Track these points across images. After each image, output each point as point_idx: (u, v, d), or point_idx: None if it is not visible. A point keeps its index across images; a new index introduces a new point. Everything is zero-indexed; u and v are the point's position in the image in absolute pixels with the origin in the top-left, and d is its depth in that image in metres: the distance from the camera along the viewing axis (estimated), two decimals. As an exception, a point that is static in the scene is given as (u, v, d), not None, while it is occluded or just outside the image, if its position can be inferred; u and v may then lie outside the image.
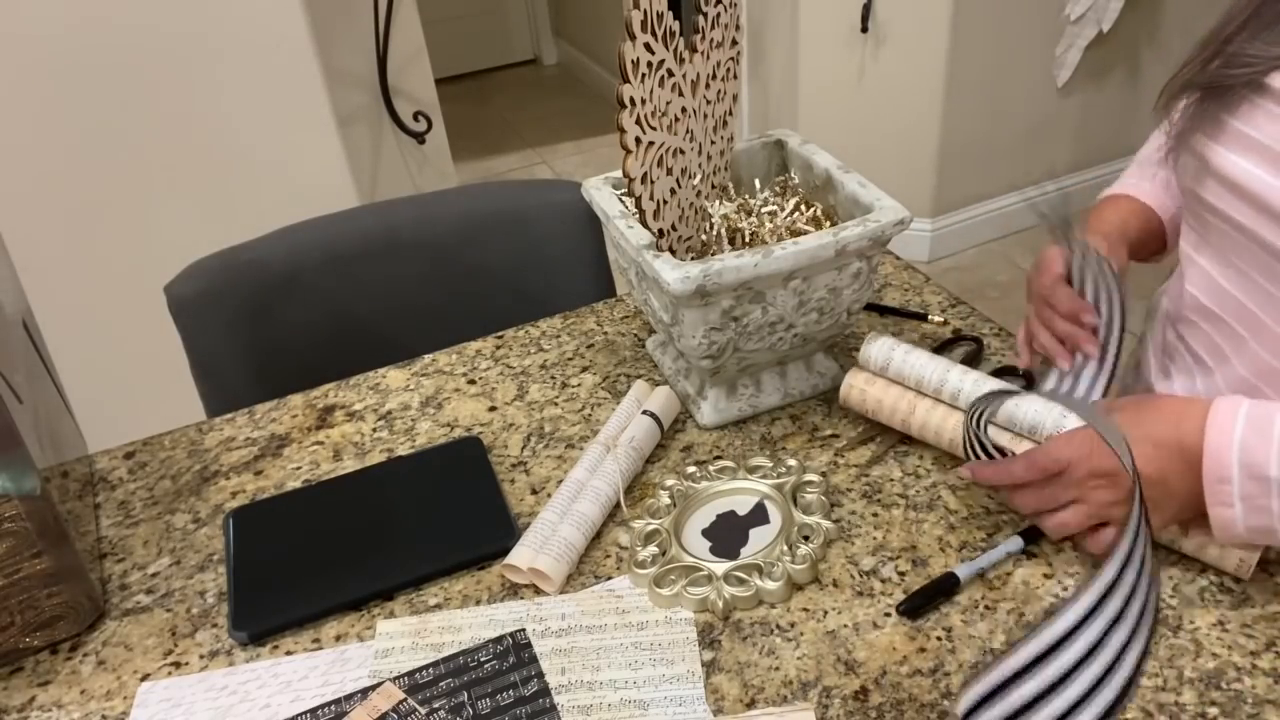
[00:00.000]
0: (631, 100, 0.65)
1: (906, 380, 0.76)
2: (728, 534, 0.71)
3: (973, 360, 0.85)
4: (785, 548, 0.68)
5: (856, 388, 0.78)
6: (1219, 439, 0.59)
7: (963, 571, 0.66)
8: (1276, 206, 0.64)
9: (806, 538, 0.69)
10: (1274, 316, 0.68)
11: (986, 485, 0.71)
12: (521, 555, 0.69)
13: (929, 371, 0.75)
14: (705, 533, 0.72)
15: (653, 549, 0.70)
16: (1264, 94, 0.65)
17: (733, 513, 0.73)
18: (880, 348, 0.77)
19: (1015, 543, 0.68)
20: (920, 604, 0.65)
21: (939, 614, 0.64)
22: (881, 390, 0.77)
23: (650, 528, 0.71)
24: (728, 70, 0.79)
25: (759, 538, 0.70)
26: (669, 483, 0.75)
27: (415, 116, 1.92)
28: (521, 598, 0.69)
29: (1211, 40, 0.69)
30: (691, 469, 0.76)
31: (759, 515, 0.72)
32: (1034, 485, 0.65)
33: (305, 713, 0.62)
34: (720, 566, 0.67)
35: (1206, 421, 0.59)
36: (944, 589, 0.65)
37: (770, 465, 0.76)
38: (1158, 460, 0.61)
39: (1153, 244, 0.84)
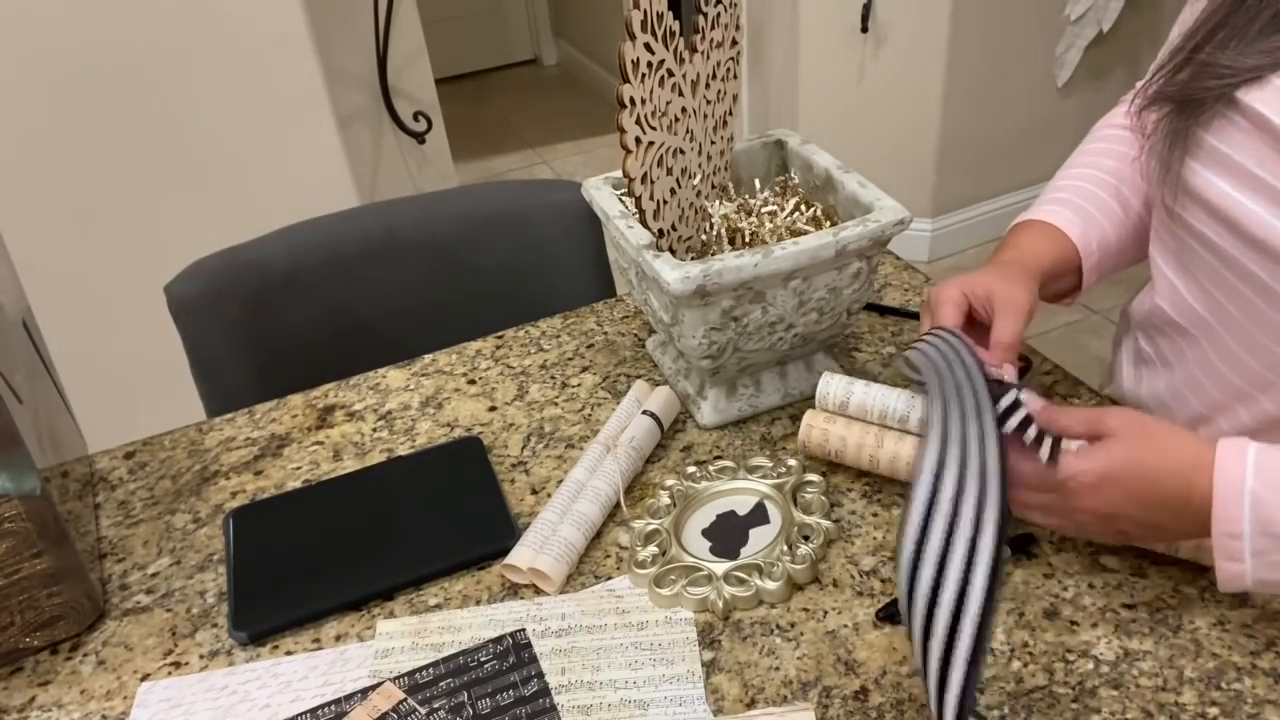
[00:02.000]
0: (631, 100, 0.65)
1: (869, 415, 0.74)
2: (728, 534, 0.71)
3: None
4: (785, 548, 0.68)
5: (817, 428, 0.75)
6: (1228, 491, 0.55)
7: None
8: (1249, 228, 0.61)
9: (806, 538, 0.69)
10: (1237, 336, 0.66)
11: None
12: (521, 555, 0.69)
13: (893, 403, 0.73)
14: (705, 533, 0.72)
15: (653, 549, 0.70)
16: (1236, 108, 0.61)
17: (733, 513, 0.73)
18: (837, 385, 0.75)
19: (1003, 552, 0.67)
20: (898, 611, 0.64)
21: (939, 614, 0.64)
22: (844, 428, 0.74)
23: (650, 528, 0.71)
24: (728, 70, 0.79)
25: (759, 538, 0.70)
26: (669, 483, 0.75)
27: (415, 116, 1.92)
28: (521, 598, 0.69)
29: (1180, 49, 0.66)
30: (691, 469, 0.76)
31: (759, 515, 0.72)
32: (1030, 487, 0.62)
33: (305, 713, 0.62)
34: (720, 566, 0.67)
35: (1214, 471, 0.56)
36: None
37: (770, 465, 0.76)
38: (1152, 500, 0.58)
39: (1065, 281, 0.77)
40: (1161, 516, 0.58)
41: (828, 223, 0.84)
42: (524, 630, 0.66)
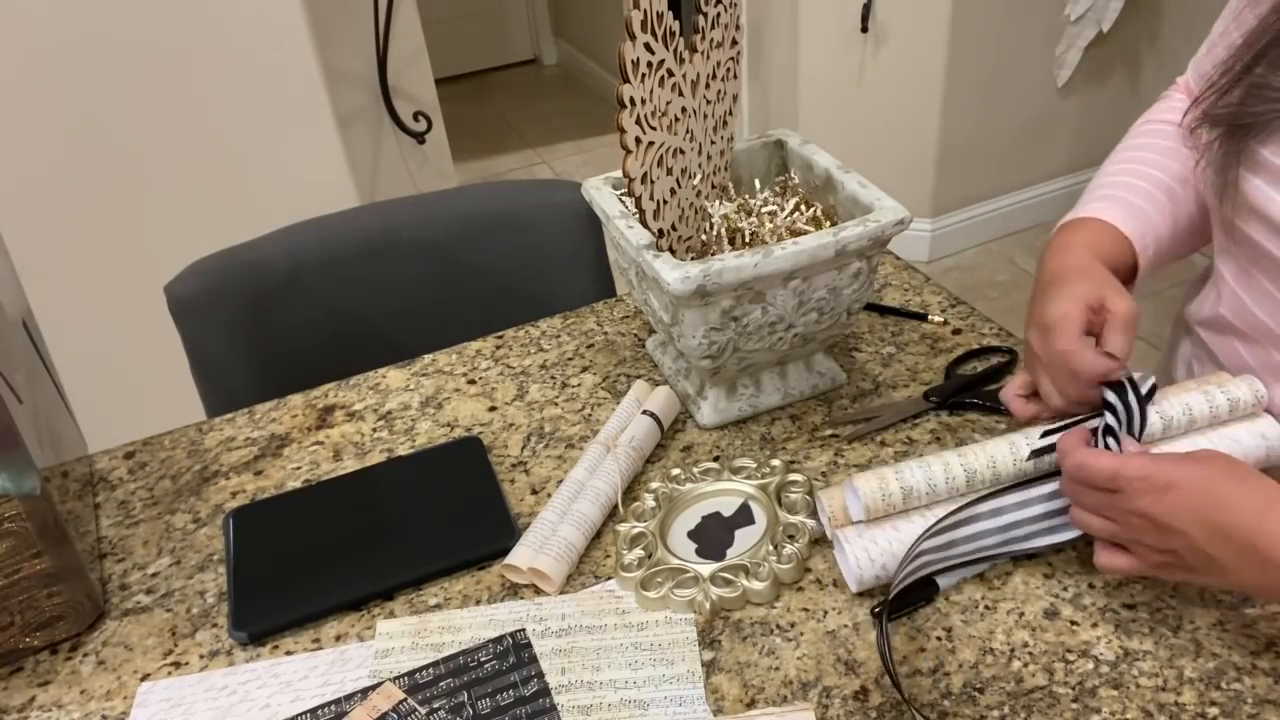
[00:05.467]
0: (631, 100, 0.65)
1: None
2: (713, 535, 0.71)
3: (1000, 374, 0.84)
4: (771, 548, 0.68)
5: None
6: None
7: (944, 580, 0.66)
8: None
9: (792, 537, 0.69)
10: None
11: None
12: (521, 555, 0.69)
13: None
14: (691, 535, 0.71)
15: (639, 552, 0.70)
16: None
17: (718, 514, 0.73)
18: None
19: None
20: (896, 609, 0.64)
21: (939, 614, 0.64)
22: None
23: (636, 531, 0.71)
24: (728, 70, 0.79)
25: (745, 538, 0.70)
26: (654, 485, 0.75)
27: (415, 116, 1.92)
28: (521, 598, 0.69)
29: (1230, 67, 0.65)
30: (675, 471, 0.76)
31: (744, 516, 0.72)
32: (1073, 483, 0.61)
33: (305, 713, 0.62)
34: (706, 568, 0.67)
35: None
36: (922, 594, 0.65)
37: (754, 466, 0.76)
38: (1215, 525, 0.55)
39: (1119, 278, 0.73)
40: (1218, 546, 0.54)
41: (828, 223, 0.84)
42: (524, 630, 0.66)
